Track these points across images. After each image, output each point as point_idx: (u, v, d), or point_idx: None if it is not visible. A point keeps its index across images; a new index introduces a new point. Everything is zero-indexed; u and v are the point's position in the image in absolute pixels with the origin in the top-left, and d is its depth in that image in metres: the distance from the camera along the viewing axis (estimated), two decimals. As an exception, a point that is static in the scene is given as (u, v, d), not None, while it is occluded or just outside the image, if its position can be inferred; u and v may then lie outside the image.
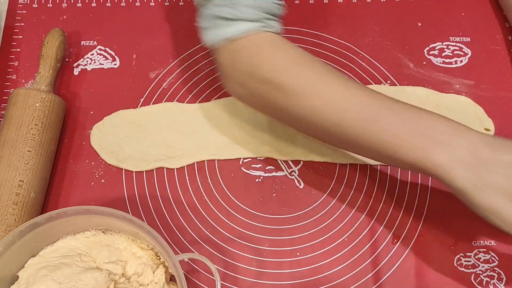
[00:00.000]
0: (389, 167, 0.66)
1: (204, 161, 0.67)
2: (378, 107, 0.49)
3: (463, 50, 0.74)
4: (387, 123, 0.48)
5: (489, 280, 0.61)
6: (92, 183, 0.66)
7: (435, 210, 0.64)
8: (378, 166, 0.67)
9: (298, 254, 0.63)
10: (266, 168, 0.67)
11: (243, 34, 0.52)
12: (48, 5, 0.77)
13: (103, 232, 0.58)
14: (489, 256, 0.62)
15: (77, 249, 0.57)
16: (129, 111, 0.69)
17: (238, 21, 0.52)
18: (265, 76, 0.51)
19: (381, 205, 0.65)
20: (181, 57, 0.73)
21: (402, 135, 0.47)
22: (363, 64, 0.73)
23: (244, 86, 0.54)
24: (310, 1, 0.77)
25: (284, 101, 0.52)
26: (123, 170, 0.66)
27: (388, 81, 0.72)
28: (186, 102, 0.70)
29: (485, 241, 0.63)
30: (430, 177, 0.62)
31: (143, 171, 0.66)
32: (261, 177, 0.66)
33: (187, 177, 0.66)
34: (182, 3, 0.77)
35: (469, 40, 0.74)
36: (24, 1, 0.77)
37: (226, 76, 0.56)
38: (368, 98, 0.50)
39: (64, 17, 0.76)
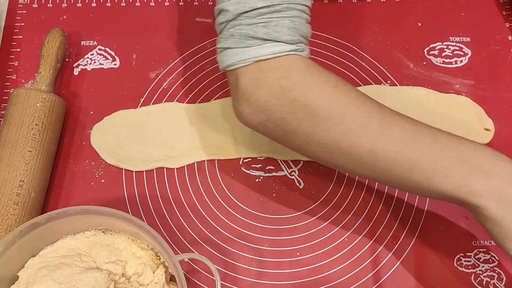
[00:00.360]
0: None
1: (204, 161, 0.67)
2: (417, 133, 0.47)
3: (463, 50, 0.74)
4: (426, 149, 0.46)
5: (489, 280, 0.61)
6: (92, 183, 0.66)
7: (435, 210, 0.64)
8: (378, 166, 0.67)
9: (298, 254, 0.63)
10: (266, 168, 0.67)
11: (274, 55, 0.48)
12: (48, 5, 0.77)
13: (103, 232, 0.58)
14: (489, 256, 0.62)
15: (77, 249, 0.57)
16: (129, 111, 0.70)
17: (273, 42, 0.48)
18: (297, 98, 0.48)
19: (381, 205, 0.65)
20: (181, 57, 0.73)
21: (441, 161, 0.46)
22: (363, 64, 0.73)
23: (265, 111, 0.50)
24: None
25: (312, 126, 0.48)
26: (123, 170, 0.67)
27: (388, 81, 0.72)
28: (186, 102, 0.70)
29: (485, 241, 0.63)
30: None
31: (143, 171, 0.66)
32: (261, 177, 0.66)
33: (187, 177, 0.66)
34: (182, 3, 0.77)
35: (469, 40, 0.74)
36: (24, 1, 0.77)
37: (245, 99, 0.50)
38: (406, 124, 0.48)
39: (64, 17, 0.76)
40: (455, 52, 0.74)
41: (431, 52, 0.74)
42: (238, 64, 0.49)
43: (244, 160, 0.67)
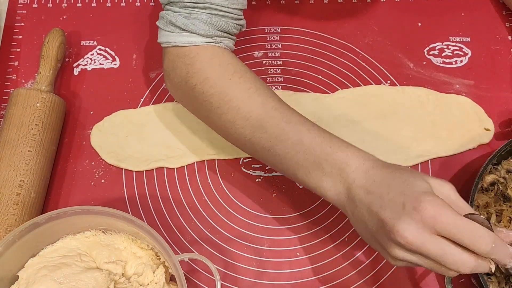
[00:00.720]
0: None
1: (204, 161, 0.67)
2: (287, 131, 0.52)
3: (463, 50, 0.74)
4: (291, 148, 0.52)
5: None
6: (92, 183, 0.66)
7: (435, 210, 0.64)
8: (378, 166, 0.67)
9: (298, 254, 0.63)
10: (266, 168, 0.67)
11: (189, 44, 0.56)
12: (48, 5, 0.77)
13: (103, 232, 0.58)
14: (489, 256, 0.62)
15: (77, 249, 0.57)
16: (129, 111, 0.70)
17: (190, 33, 0.55)
18: (197, 86, 0.56)
19: (381, 205, 0.65)
20: (181, 57, 0.73)
21: (302, 162, 0.52)
22: (363, 64, 0.73)
23: (178, 90, 0.59)
24: (310, 1, 0.77)
25: (209, 110, 0.56)
26: (123, 170, 0.67)
27: (388, 81, 0.72)
28: (186, 102, 0.71)
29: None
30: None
31: (143, 171, 0.66)
32: (261, 177, 0.66)
33: (187, 177, 0.66)
34: (182, 3, 0.77)
35: (469, 40, 0.74)
36: (24, 1, 0.77)
37: (166, 76, 0.60)
38: (280, 122, 0.53)
39: (64, 17, 0.76)
40: (455, 52, 0.74)
41: (431, 52, 0.74)
42: (163, 44, 0.58)
43: (244, 160, 0.67)
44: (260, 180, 0.66)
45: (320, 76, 0.72)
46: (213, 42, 0.56)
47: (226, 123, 0.56)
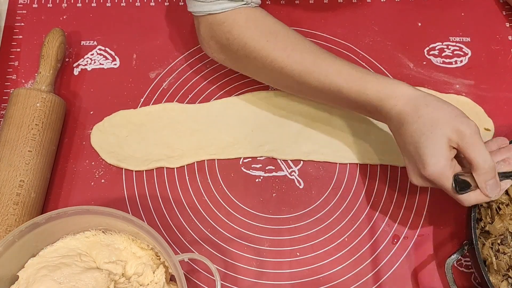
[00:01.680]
0: (389, 167, 0.66)
1: (204, 160, 0.67)
2: (328, 84, 0.58)
3: (463, 50, 0.74)
4: (334, 97, 0.59)
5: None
6: (92, 183, 0.66)
7: (435, 210, 0.65)
8: (378, 166, 0.67)
9: (298, 254, 0.63)
10: (266, 168, 0.67)
11: (223, 10, 0.59)
12: (48, 5, 0.77)
13: (103, 232, 0.58)
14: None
15: (77, 249, 0.57)
16: (129, 111, 0.70)
17: (221, 0, 0.58)
18: (239, 50, 0.60)
19: (381, 205, 0.65)
20: (181, 57, 0.73)
21: (346, 105, 0.60)
22: (363, 64, 0.73)
23: (220, 54, 0.64)
24: (310, 1, 0.77)
25: (256, 70, 0.63)
26: (123, 170, 0.67)
27: (388, 81, 0.72)
28: (186, 102, 0.70)
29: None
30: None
31: (143, 171, 0.66)
32: (261, 177, 0.66)
33: (187, 177, 0.66)
34: (182, 3, 0.77)
35: (469, 40, 0.74)
36: (24, 1, 0.77)
37: (204, 43, 0.64)
38: (320, 77, 0.58)
39: (64, 17, 0.76)
40: (455, 52, 0.74)
41: (431, 52, 0.74)
42: (197, 13, 0.61)
43: (244, 160, 0.67)
44: (260, 180, 0.66)
45: (320, 76, 0.72)
46: (244, 4, 0.60)
47: (273, 79, 0.63)
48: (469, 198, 0.53)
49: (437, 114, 0.53)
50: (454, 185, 0.52)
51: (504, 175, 0.54)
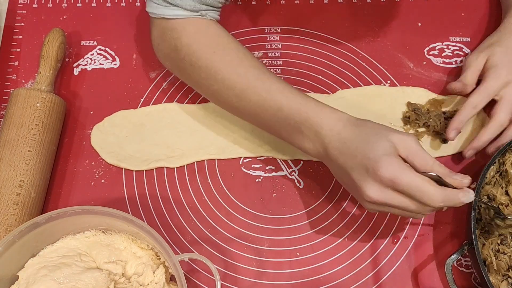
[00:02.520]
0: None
1: (204, 160, 0.67)
2: (268, 101, 0.57)
3: (463, 50, 0.74)
4: (272, 116, 0.58)
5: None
6: (92, 183, 0.66)
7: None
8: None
9: (298, 254, 0.63)
10: (266, 168, 0.67)
11: (176, 17, 0.59)
12: (48, 5, 0.77)
13: (103, 232, 0.58)
14: (489, 256, 0.62)
15: (77, 249, 0.57)
16: (129, 111, 0.70)
17: (176, 7, 0.59)
18: (185, 58, 0.60)
19: (381, 205, 0.65)
20: (181, 57, 0.73)
21: (283, 128, 0.58)
22: (363, 64, 0.73)
23: (169, 60, 0.64)
24: (310, 1, 0.77)
25: (198, 81, 0.62)
26: (123, 170, 0.67)
27: (388, 81, 0.72)
28: (186, 102, 0.71)
29: (485, 241, 0.63)
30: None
31: (143, 171, 0.66)
32: (261, 177, 0.66)
33: (187, 177, 0.66)
34: (182, 3, 0.77)
35: (469, 40, 0.74)
36: (24, 1, 0.77)
37: (155, 45, 0.64)
38: (261, 92, 0.57)
39: (64, 17, 0.76)
40: (455, 52, 0.74)
41: (431, 52, 0.74)
42: (152, 15, 0.61)
43: (244, 160, 0.67)
44: (260, 180, 0.66)
45: (320, 76, 0.72)
46: (199, 15, 0.60)
47: (214, 92, 0.61)
48: (440, 193, 0.50)
49: (378, 127, 0.53)
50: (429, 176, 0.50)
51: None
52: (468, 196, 0.50)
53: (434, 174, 0.51)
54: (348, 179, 0.54)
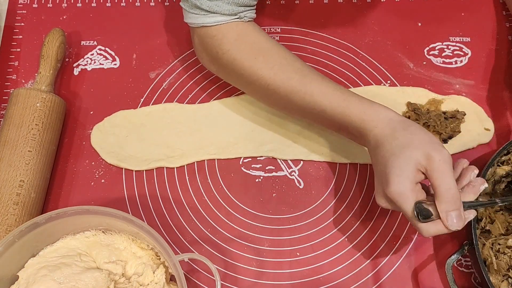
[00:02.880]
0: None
1: (204, 160, 0.67)
2: (312, 104, 0.58)
3: (463, 50, 0.74)
4: (318, 117, 0.59)
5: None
6: (92, 183, 0.66)
7: (435, 210, 0.65)
8: (378, 166, 0.67)
9: (298, 254, 0.63)
10: (266, 168, 0.67)
11: (215, 24, 0.59)
12: (48, 5, 0.77)
13: (103, 232, 0.58)
14: (489, 256, 0.62)
15: (77, 249, 0.57)
16: (129, 111, 0.70)
17: (214, 14, 0.59)
18: (227, 65, 0.61)
19: (381, 205, 0.65)
20: (181, 57, 0.73)
21: (330, 126, 0.60)
22: (363, 64, 0.73)
23: (213, 65, 0.64)
24: (310, 1, 0.77)
25: (244, 85, 0.63)
26: (123, 170, 0.67)
27: (388, 81, 0.72)
28: (186, 102, 0.71)
29: (485, 241, 0.63)
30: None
31: (143, 171, 0.66)
32: (261, 177, 0.66)
33: (187, 177, 0.66)
34: (182, 3, 0.77)
35: (469, 40, 0.74)
36: (24, 1, 0.77)
37: (198, 53, 0.65)
38: (305, 96, 0.58)
39: (64, 17, 0.76)
40: (455, 52, 0.74)
41: (431, 52, 0.74)
42: (191, 25, 0.62)
43: (244, 160, 0.67)
44: (260, 180, 0.66)
45: (320, 76, 0.72)
46: (237, 18, 0.60)
47: (260, 95, 0.63)
48: (428, 228, 0.50)
49: (411, 138, 0.52)
50: (416, 212, 0.49)
51: (469, 206, 0.51)
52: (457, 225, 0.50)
53: (431, 212, 0.49)
54: (375, 177, 0.56)
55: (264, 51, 0.60)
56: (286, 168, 0.67)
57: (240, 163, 0.67)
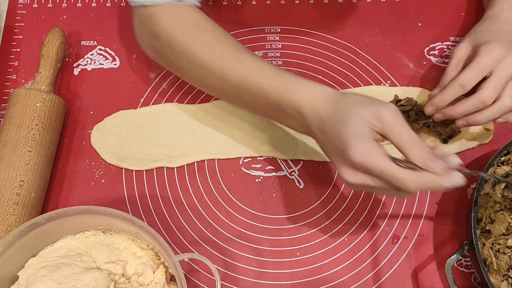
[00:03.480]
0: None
1: (204, 160, 0.67)
2: (248, 81, 0.56)
3: (463, 50, 0.74)
4: (255, 97, 0.56)
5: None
6: (92, 183, 0.66)
7: (435, 210, 0.65)
8: (378, 166, 0.67)
9: (298, 254, 0.63)
10: (266, 168, 0.67)
11: (153, 3, 0.59)
12: (48, 5, 0.77)
13: (103, 232, 0.58)
14: (489, 256, 0.62)
15: (77, 249, 0.57)
16: (129, 111, 0.70)
17: None
18: (164, 44, 0.60)
19: (381, 205, 0.65)
20: (181, 57, 0.73)
21: (268, 107, 0.57)
22: (363, 64, 0.73)
23: (151, 49, 0.63)
24: (310, 1, 0.77)
25: (180, 67, 0.61)
26: (123, 170, 0.67)
27: (388, 81, 0.72)
28: (186, 103, 0.71)
29: (485, 241, 0.63)
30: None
31: (143, 171, 0.66)
32: (261, 177, 0.66)
33: (187, 177, 0.66)
34: (182, 3, 0.77)
35: (469, 40, 0.74)
36: (24, 1, 0.77)
37: (138, 36, 0.64)
38: (241, 74, 0.56)
39: (64, 17, 0.76)
40: (455, 52, 0.74)
41: (431, 52, 0.74)
42: (131, 3, 0.61)
43: (244, 160, 0.67)
44: (260, 180, 0.66)
45: (320, 76, 0.72)
46: (179, 1, 0.59)
47: (196, 77, 0.61)
48: (414, 178, 0.46)
49: (354, 101, 0.50)
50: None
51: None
52: (454, 181, 0.46)
53: (403, 165, 0.47)
54: (330, 158, 0.52)
55: (201, 28, 0.59)
56: (286, 168, 0.67)
57: (240, 163, 0.67)
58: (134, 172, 0.67)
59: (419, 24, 0.76)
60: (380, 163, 0.47)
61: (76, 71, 0.72)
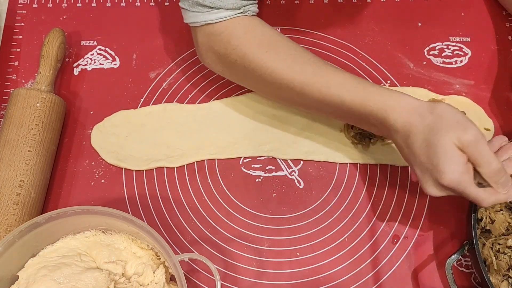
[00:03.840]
0: (389, 167, 0.66)
1: (204, 160, 0.67)
2: (330, 96, 0.57)
3: (463, 50, 0.74)
4: (337, 109, 0.57)
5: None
6: (92, 183, 0.66)
7: (435, 210, 0.65)
8: (378, 166, 0.67)
9: (298, 254, 0.63)
10: (266, 168, 0.67)
11: (220, 20, 0.58)
12: (48, 5, 0.77)
13: (103, 232, 0.58)
14: (489, 256, 0.62)
15: (77, 249, 0.57)
16: (129, 111, 0.70)
17: (219, 9, 0.57)
18: (237, 61, 0.59)
19: (381, 205, 0.65)
20: (181, 57, 0.73)
21: (350, 118, 0.59)
22: (363, 64, 0.73)
23: (219, 64, 0.62)
24: (310, 1, 0.77)
25: (255, 81, 0.61)
26: (123, 170, 0.67)
27: (388, 81, 0.72)
28: (186, 102, 0.71)
29: (485, 241, 0.63)
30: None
31: (143, 171, 0.66)
32: (261, 177, 0.66)
33: (187, 177, 0.66)
34: (182, 3, 0.77)
35: (469, 40, 0.74)
36: (24, 1, 0.77)
37: (203, 54, 0.63)
38: (321, 88, 0.57)
39: (64, 17, 0.76)
40: (455, 52, 0.74)
41: (431, 52, 0.74)
42: (193, 24, 0.60)
43: (244, 160, 0.67)
44: (260, 180, 0.66)
45: (320, 76, 0.72)
46: (241, 12, 0.58)
47: (273, 90, 0.61)
48: (488, 197, 0.51)
49: (440, 121, 0.51)
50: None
51: None
52: None
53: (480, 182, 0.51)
54: (411, 167, 0.55)
55: (275, 44, 0.58)
56: (286, 168, 0.67)
57: (240, 163, 0.67)
58: (134, 172, 0.67)
59: (419, 24, 0.76)
60: (466, 187, 0.50)
61: (76, 71, 0.72)
